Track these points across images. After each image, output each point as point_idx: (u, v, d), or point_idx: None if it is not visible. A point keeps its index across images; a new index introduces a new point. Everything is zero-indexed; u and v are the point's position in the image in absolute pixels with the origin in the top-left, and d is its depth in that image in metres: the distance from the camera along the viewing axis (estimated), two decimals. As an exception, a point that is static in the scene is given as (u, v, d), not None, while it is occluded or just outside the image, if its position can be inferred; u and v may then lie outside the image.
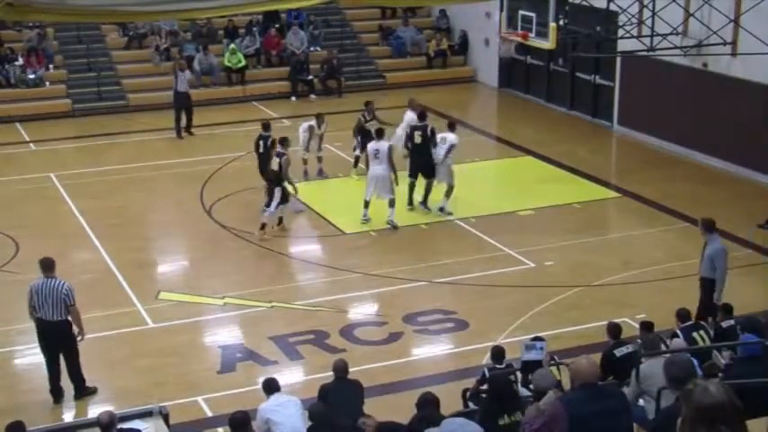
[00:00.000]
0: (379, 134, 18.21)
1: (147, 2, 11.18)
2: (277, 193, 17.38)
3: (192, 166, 21.30)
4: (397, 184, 17.91)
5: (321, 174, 20.71)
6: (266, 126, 19.38)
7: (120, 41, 28.45)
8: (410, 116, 19.79)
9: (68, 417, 11.73)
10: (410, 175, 18.54)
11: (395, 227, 17.77)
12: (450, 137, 18.56)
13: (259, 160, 19.07)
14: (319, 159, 20.80)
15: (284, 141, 17.84)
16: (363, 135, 20.04)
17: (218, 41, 28.66)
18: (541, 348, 10.63)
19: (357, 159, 20.69)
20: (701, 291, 13.23)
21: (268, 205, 17.44)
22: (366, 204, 17.91)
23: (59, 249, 17.25)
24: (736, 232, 17.41)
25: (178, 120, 24.06)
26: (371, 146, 18.02)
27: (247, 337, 14.03)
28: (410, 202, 18.71)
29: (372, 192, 17.82)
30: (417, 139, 18.37)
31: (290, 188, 17.74)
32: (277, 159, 17.51)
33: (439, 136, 18.55)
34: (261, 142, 19.05)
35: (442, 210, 18.49)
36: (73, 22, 25.53)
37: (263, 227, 17.38)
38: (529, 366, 10.42)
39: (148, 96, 26.49)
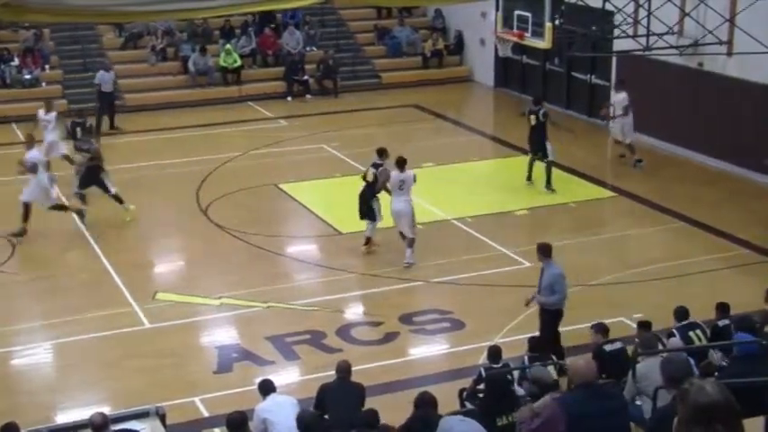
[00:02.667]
0: (401, 164, 16.19)
1: (143, 2, 11.16)
2: (374, 205, 16.49)
3: (188, 167, 21.29)
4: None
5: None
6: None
7: (116, 42, 28.43)
8: None
9: (63, 418, 11.69)
10: (531, 152, 20.06)
11: (409, 265, 16.23)
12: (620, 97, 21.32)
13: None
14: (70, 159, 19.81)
15: (383, 152, 16.55)
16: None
17: (213, 41, 28.65)
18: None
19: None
20: (540, 320, 12.73)
21: (372, 219, 16.59)
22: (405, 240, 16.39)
23: (56, 250, 17.31)
24: (733, 231, 17.46)
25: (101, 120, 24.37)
26: (395, 176, 16.11)
27: (244, 338, 14.02)
28: (528, 178, 20.12)
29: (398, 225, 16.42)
30: (533, 122, 19.82)
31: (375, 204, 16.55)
32: (372, 170, 16.49)
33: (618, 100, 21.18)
34: None
35: (637, 164, 21.19)
36: (69, 23, 25.50)
37: (367, 241, 16.71)
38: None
39: (145, 96, 26.50)
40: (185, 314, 14.72)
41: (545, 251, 12.87)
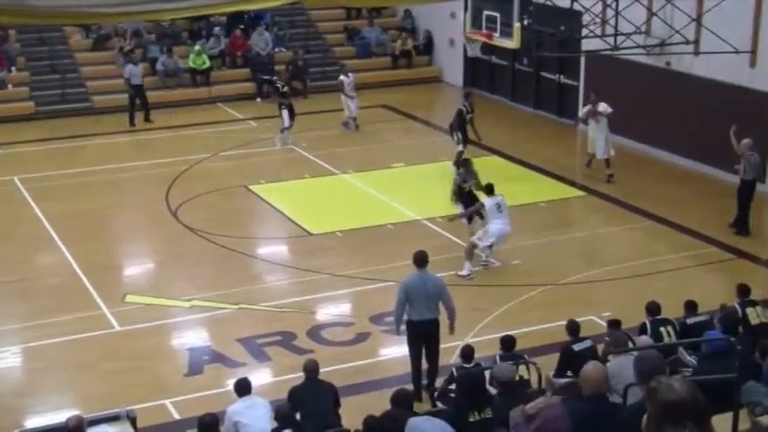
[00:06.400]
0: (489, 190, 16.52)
1: (111, 3, 11.07)
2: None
3: (158, 168, 21.18)
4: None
5: None
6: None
7: (84, 43, 28.21)
8: None
9: (33, 423, 11.60)
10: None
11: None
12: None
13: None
14: None
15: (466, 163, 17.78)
16: (463, 128, 20.87)
17: (182, 42, 28.51)
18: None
19: (460, 154, 20.25)
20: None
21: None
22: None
23: (24, 253, 17.16)
24: (701, 230, 17.59)
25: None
26: (490, 201, 16.23)
27: (214, 340, 13.97)
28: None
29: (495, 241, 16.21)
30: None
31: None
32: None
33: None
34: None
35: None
36: (34, 24, 25.26)
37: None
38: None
39: (113, 98, 26.26)
40: (155, 316, 14.64)
41: (413, 260, 12.46)
